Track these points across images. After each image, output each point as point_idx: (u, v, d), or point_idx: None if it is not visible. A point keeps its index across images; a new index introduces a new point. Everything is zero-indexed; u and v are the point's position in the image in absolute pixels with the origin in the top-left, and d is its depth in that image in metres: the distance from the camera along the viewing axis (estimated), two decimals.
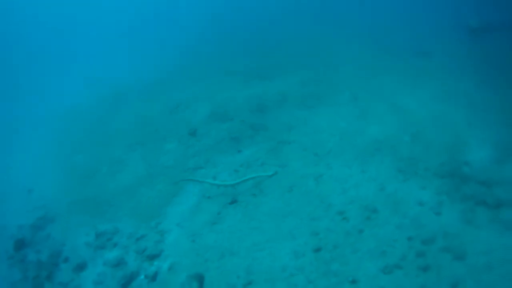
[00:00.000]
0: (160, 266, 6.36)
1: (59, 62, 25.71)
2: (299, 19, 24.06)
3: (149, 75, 18.07)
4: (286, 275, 5.43)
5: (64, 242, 7.55)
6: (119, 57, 23.78)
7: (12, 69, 24.80)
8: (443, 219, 6.13)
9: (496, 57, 12.13)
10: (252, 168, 8.20)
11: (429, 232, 5.88)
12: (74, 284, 6.65)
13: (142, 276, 6.36)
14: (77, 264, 6.97)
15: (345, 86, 11.89)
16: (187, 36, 25.17)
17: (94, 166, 10.12)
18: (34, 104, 17.38)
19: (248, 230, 6.43)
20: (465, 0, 19.10)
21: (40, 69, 24.66)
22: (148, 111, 13.14)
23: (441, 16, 17.92)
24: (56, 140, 12.82)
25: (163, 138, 10.67)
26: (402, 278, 5.18)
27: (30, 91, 19.96)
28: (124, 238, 7.28)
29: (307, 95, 11.66)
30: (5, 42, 32.87)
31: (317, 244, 5.87)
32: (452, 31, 16.14)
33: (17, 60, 27.34)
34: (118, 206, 8.18)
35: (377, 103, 10.41)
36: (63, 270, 6.99)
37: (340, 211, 6.47)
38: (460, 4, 18.59)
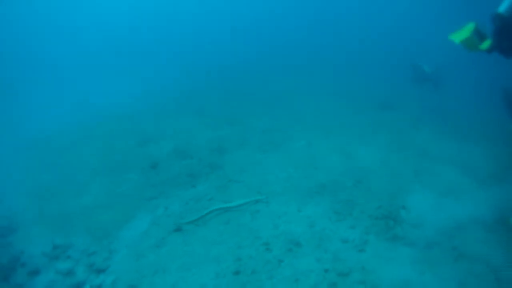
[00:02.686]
0: (104, 279, 6.99)
1: (40, 84, 26.39)
2: (273, 69, 25.37)
3: (124, 106, 19.24)
4: None
5: (23, 250, 8.14)
6: (100, 86, 24.73)
7: None
8: (364, 256, 6.53)
9: (453, 108, 13.24)
10: (201, 203, 8.98)
11: (347, 266, 6.28)
12: (27, 286, 7.28)
13: (88, 286, 7.02)
14: (32, 269, 7.57)
15: (303, 135, 12.86)
16: (166, 76, 26.35)
17: (59, 187, 10.83)
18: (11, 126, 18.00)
19: (182, 253, 7.10)
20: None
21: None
22: (118, 142, 14.01)
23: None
24: (27, 160, 13.55)
25: (127, 169, 11.48)
26: None
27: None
28: (77, 252, 7.93)
29: (265, 141, 12.60)
30: None
31: (238, 268, 6.45)
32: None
33: None
34: (76, 224, 8.83)
35: (329, 152, 11.27)
36: (19, 274, 7.57)
37: (266, 243, 7.10)
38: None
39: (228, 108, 17.30)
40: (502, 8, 6.44)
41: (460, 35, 7.31)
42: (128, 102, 20.53)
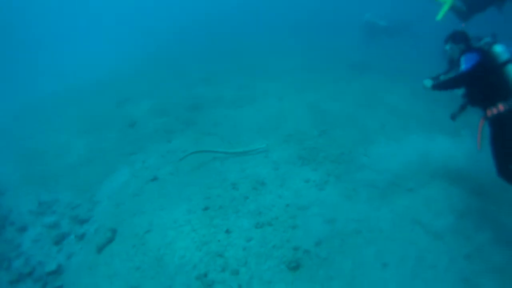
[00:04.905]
0: (88, 228, 7.53)
1: (26, 50, 26.62)
2: (255, 32, 25.59)
3: (108, 71, 20.06)
4: (176, 225, 6.62)
5: (11, 210, 8.64)
6: (86, 52, 25.01)
7: None
8: (324, 193, 6.96)
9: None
10: (176, 153, 9.48)
11: (307, 201, 6.74)
12: (16, 242, 7.73)
13: (73, 236, 7.55)
14: (20, 226, 8.08)
15: (276, 92, 13.23)
16: (148, 41, 26.58)
17: (43, 149, 11.36)
18: None
19: (157, 196, 7.63)
20: None
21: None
22: (98, 104, 14.59)
23: None
24: (12, 127, 14.22)
25: (107, 128, 11.99)
26: (270, 232, 6.12)
27: None
28: (62, 206, 8.45)
29: (239, 97, 13.02)
30: None
31: (207, 205, 7.00)
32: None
33: None
34: (60, 181, 9.34)
35: (299, 106, 11.64)
36: (8, 231, 8.07)
37: (233, 183, 7.61)
38: None
39: (208, 69, 17.70)
40: None
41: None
42: (109, 67, 21.11)
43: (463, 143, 8.37)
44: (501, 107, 5.16)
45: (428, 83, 6.06)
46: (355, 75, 15.49)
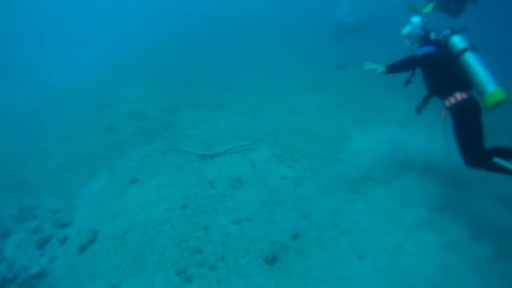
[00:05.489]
0: (70, 232, 7.64)
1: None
2: (230, 35, 25.94)
3: (84, 78, 20.09)
4: (155, 224, 6.79)
5: None
6: (61, 60, 24.99)
7: None
8: (301, 189, 7.15)
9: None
10: (155, 156, 9.68)
11: (284, 197, 6.93)
12: (0, 247, 7.83)
13: (55, 239, 7.66)
14: (3, 232, 8.13)
15: (254, 93, 13.49)
16: (127, 46, 26.61)
17: (24, 156, 11.41)
18: None
19: (136, 198, 7.79)
20: None
21: None
22: (78, 110, 14.67)
23: None
24: None
25: (86, 133, 12.11)
26: (247, 227, 6.31)
27: None
28: (43, 211, 8.53)
29: (219, 99, 13.28)
30: None
31: (185, 203, 7.18)
32: None
33: None
34: (42, 187, 9.41)
35: (277, 106, 11.94)
36: None
37: (210, 181, 7.79)
38: None
39: (186, 73, 17.88)
40: None
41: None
42: (88, 73, 21.25)
43: (440, 136, 8.60)
44: (458, 96, 5.41)
45: (381, 67, 6.05)
46: (331, 73, 15.87)
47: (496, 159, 5.00)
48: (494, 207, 6.36)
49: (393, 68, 5.88)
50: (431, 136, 8.66)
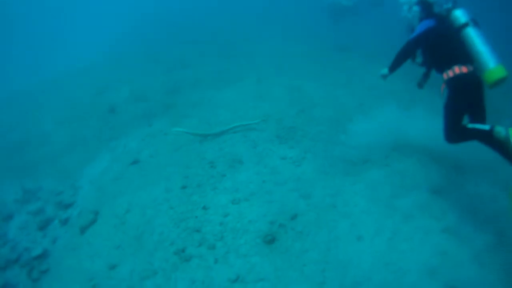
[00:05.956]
0: (72, 213, 7.73)
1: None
2: (231, 18, 25.78)
3: (86, 59, 20.01)
4: (155, 204, 6.78)
5: None
6: (62, 42, 24.93)
7: None
8: (301, 169, 7.01)
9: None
10: (157, 136, 9.65)
11: (284, 177, 6.80)
12: (3, 231, 7.92)
13: (57, 221, 7.77)
14: (6, 215, 8.25)
15: (255, 74, 13.32)
16: (125, 27, 26.45)
17: (26, 141, 11.48)
18: None
19: (137, 178, 7.80)
20: None
21: None
22: (78, 93, 14.70)
23: None
24: None
25: (87, 115, 12.12)
26: (246, 207, 6.27)
27: None
28: (46, 193, 8.64)
29: (219, 79, 13.17)
30: None
31: (185, 183, 7.13)
32: None
33: None
34: (43, 170, 9.49)
35: (278, 87, 11.74)
36: None
37: (211, 162, 7.72)
38: None
39: (186, 54, 17.81)
40: None
41: None
42: (89, 56, 21.01)
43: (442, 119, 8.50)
44: (456, 69, 5.31)
45: (384, 70, 6.19)
46: (332, 56, 15.65)
47: (470, 125, 5.02)
48: (498, 194, 6.14)
49: (395, 64, 5.96)
50: (433, 119, 8.52)
